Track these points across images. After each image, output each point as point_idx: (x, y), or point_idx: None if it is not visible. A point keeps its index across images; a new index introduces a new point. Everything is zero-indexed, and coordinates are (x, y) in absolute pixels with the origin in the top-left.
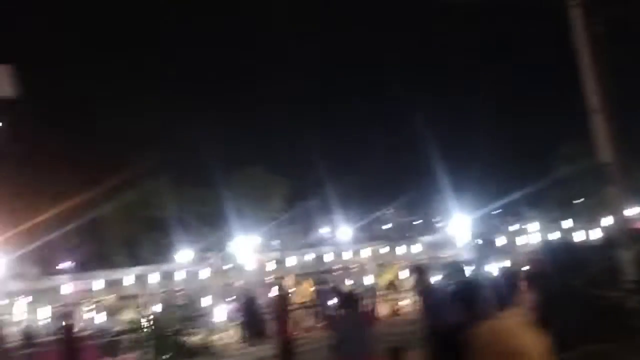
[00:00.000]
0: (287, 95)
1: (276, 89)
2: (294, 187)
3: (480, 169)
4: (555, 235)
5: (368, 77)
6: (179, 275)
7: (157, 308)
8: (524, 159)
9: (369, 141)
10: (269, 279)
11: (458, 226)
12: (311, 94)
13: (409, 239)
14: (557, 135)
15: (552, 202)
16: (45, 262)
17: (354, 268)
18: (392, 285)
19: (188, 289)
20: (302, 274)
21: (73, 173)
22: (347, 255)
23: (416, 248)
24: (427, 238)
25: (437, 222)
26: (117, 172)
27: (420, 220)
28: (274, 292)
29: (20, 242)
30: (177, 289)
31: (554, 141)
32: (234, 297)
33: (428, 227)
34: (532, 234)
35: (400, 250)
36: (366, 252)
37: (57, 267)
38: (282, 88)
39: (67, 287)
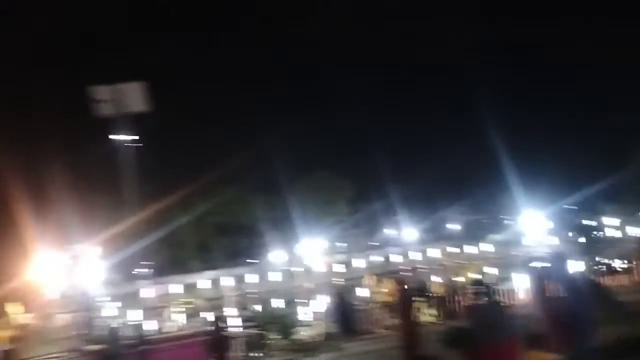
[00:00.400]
0: (351, 98)
1: (340, 92)
2: (358, 190)
3: (553, 163)
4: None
5: (433, 75)
6: (251, 279)
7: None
8: (600, 152)
9: (433, 139)
10: (338, 280)
11: (530, 223)
12: (375, 95)
13: (479, 238)
14: (636, 127)
15: (632, 196)
16: (127, 268)
17: (423, 268)
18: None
19: (260, 291)
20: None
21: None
22: (414, 256)
23: (487, 246)
24: (497, 236)
25: (507, 220)
26: (192, 181)
27: (489, 219)
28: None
29: (109, 250)
30: (249, 291)
31: (632, 133)
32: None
33: (497, 225)
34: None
35: (470, 249)
36: (435, 252)
37: (134, 272)
38: (345, 90)
39: (148, 291)
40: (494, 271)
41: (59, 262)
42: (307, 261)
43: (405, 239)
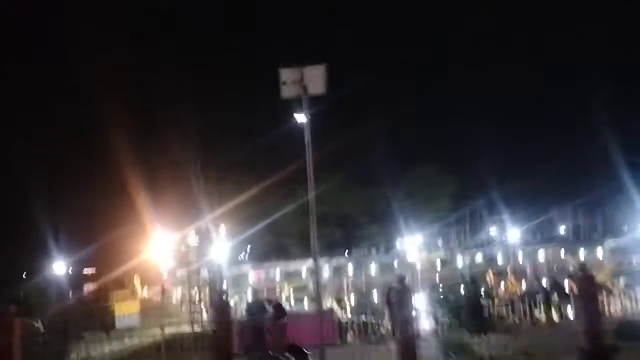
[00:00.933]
0: (459, 95)
1: (447, 87)
2: (462, 187)
3: None
4: None
5: (543, 76)
6: (350, 270)
7: None
8: None
9: (543, 139)
10: (437, 276)
11: None
12: (484, 93)
13: (590, 243)
14: None
15: None
16: (235, 252)
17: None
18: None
19: (356, 284)
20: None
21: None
22: (520, 257)
23: (598, 252)
24: (611, 242)
25: (622, 225)
26: (294, 170)
27: (601, 223)
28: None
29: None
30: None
31: None
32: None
33: (611, 230)
34: None
35: (580, 254)
36: (540, 255)
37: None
38: (453, 87)
39: (252, 275)
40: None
41: (179, 242)
42: (407, 256)
43: (510, 239)
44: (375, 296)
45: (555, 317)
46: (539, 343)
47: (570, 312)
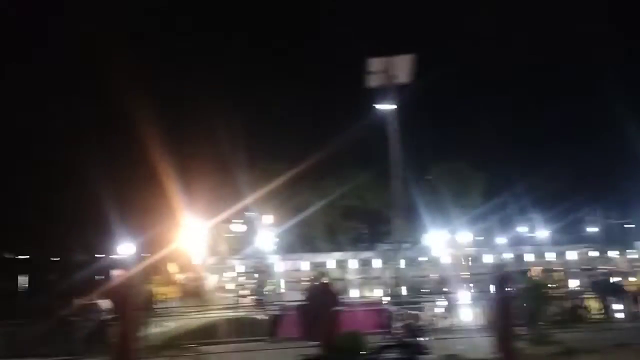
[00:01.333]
0: (493, 91)
1: (483, 83)
2: (492, 184)
3: None
4: None
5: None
6: (376, 263)
7: None
8: None
9: (574, 138)
10: (465, 273)
11: None
12: (515, 88)
13: (622, 244)
14: None
15: None
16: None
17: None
18: None
19: (384, 277)
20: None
21: None
22: (549, 257)
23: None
24: None
25: None
26: (325, 162)
27: (634, 225)
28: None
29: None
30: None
31: None
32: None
33: None
34: None
35: (611, 255)
36: (571, 255)
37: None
38: (489, 83)
39: (280, 266)
40: None
41: (223, 230)
42: (434, 251)
43: (539, 237)
44: (404, 290)
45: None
46: (612, 337)
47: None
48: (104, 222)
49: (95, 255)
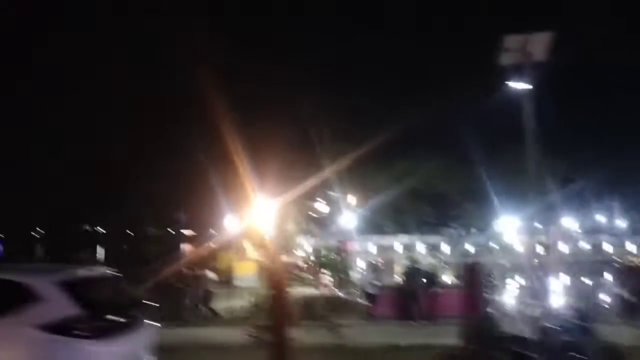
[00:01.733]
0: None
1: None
2: (569, 169)
3: None
4: None
5: None
6: (445, 248)
7: None
8: None
9: None
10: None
11: None
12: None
13: None
14: None
15: None
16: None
17: None
18: None
19: (451, 263)
20: None
21: None
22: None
23: None
24: None
25: None
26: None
27: None
28: None
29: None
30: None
31: None
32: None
33: None
34: None
35: None
36: None
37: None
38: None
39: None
40: None
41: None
42: (505, 238)
43: (619, 226)
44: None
45: None
46: None
47: None
48: (175, 198)
49: (167, 230)
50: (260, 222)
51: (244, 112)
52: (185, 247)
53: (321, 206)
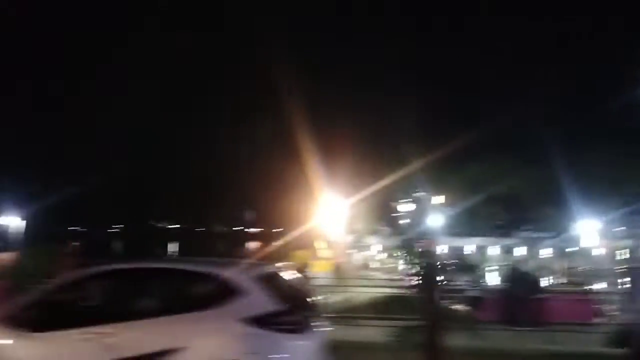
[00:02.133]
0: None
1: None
2: None
3: None
4: None
5: None
6: (519, 251)
7: None
8: None
9: None
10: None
11: None
12: None
13: None
14: None
15: None
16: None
17: None
18: None
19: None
20: None
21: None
22: None
23: None
24: None
25: None
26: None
27: None
28: None
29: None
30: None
31: None
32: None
33: None
34: None
35: None
36: None
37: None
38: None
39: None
40: None
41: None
42: (584, 242)
43: None
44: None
45: None
46: None
47: None
48: (242, 198)
49: (233, 228)
50: (333, 221)
51: (323, 112)
52: (250, 245)
53: (403, 206)
